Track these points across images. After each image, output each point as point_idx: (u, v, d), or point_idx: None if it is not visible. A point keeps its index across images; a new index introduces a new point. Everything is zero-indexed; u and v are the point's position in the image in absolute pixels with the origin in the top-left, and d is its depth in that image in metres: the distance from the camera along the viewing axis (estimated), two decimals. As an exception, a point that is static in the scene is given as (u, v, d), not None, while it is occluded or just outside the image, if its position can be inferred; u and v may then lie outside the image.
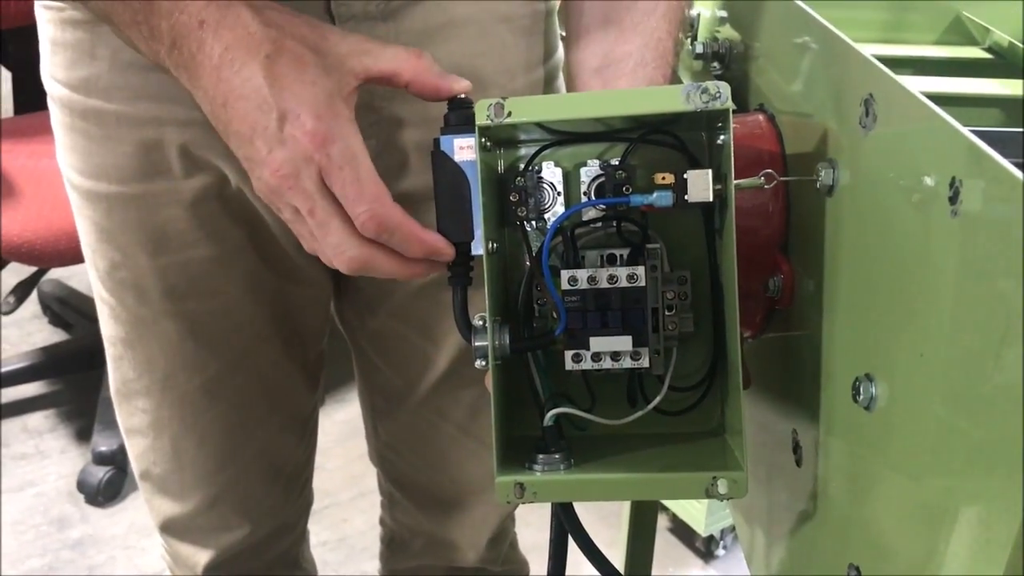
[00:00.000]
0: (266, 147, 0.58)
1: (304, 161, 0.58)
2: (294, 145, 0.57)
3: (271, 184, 0.59)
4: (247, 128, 0.58)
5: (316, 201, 0.59)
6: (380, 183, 0.60)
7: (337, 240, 0.60)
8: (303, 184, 0.58)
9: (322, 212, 0.59)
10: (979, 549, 0.41)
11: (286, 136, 0.57)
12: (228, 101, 0.58)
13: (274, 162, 0.58)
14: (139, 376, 0.87)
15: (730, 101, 0.54)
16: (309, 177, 0.58)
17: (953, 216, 0.42)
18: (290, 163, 0.58)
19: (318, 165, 0.58)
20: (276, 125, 0.57)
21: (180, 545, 0.97)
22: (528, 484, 0.57)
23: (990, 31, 0.85)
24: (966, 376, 0.42)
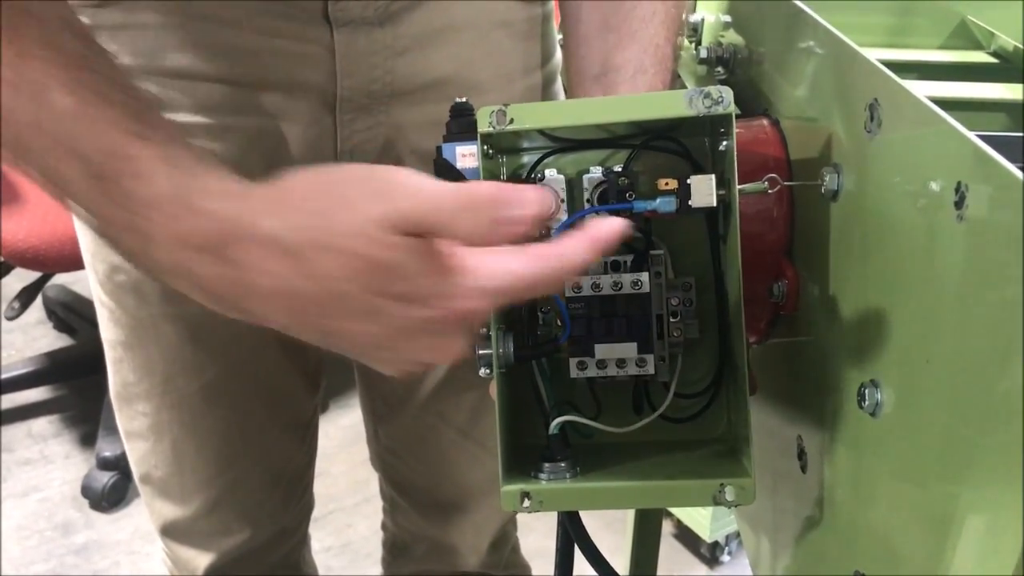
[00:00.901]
0: (411, 349, 0.51)
1: (466, 321, 0.50)
2: (444, 323, 0.49)
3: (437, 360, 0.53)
4: (377, 341, 0.50)
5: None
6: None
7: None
8: (469, 331, 0.52)
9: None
10: (985, 557, 0.41)
11: (428, 326, 0.49)
12: (330, 331, 0.50)
13: (437, 352, 0.51)
14: (139, 380, 0.87)
15: (733, 106, 0.54)
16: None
17: (959, 221, 0.42)
18: (455, 338, 0.51)
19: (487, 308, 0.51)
20: (410, 326, 0.49)
21: (181, 549, 0.97)
22: (534, 493, 0.57)
23: (995, 35, 0.85)
24: (972, 382, 0.42)
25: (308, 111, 0.75)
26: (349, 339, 0.50)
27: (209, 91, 0.73)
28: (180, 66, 0.72)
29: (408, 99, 0.77)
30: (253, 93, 0.74)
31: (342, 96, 0.75)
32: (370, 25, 0.73)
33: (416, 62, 0.76)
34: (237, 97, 0.73)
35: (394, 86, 0.76)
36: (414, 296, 0.48)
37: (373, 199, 0.47)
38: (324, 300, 0.48)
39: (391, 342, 0.50)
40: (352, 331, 0.50)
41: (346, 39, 0.73)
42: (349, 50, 0.73)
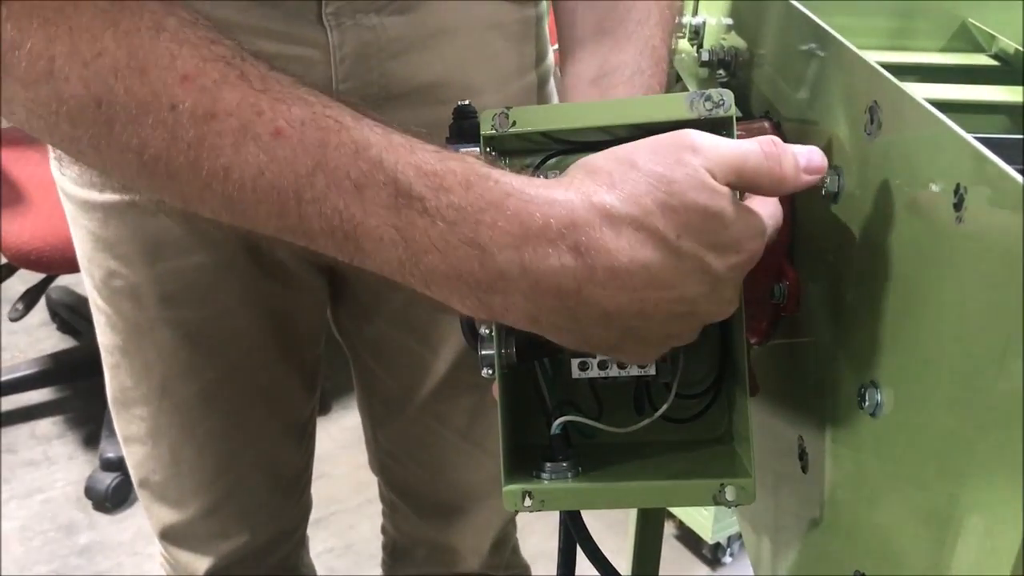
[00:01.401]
0: (715, 302, 0.52)
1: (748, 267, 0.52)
2: (741, 269, 0.52)
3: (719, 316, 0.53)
4: (683, 309, 0.50)
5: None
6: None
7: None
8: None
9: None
10: (983, 558, 0.41)
11: (732, 273, 0.51)
12: (644, 313, 0.50)
13: (725, 304, 0.53)
14: (136, 384, 0.88)
15: (733, 108, 0.54)
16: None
17: (958, 223, 0.42)
18: (737, 287, 0.53)
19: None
20: (719, 277, 0.50)
21: (179, 552, 0.97)
22: (536, 492, 0.57)
23: (996, 38, 0.85)
24: (970, 383, 0.42)
25: None
26: (664, 312, 0.49)
27: None
28: None
29: (403, 102, 0.77)
30: None
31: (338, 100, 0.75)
32: (362, 28, 0.74)
33: (409, 65, 0.76)
34: None
35: (388, 89, 0.77)
36: (730, 243, 0.49)
37: (693, 154, 0.49)
38: (671, 266, 0.48)
39: (699, 303, 0.50)
40: (677, 298, 0.49)
41: (341, 42, 0.73)
42: (344, 53, 0.74)
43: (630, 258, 0.47)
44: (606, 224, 0.47)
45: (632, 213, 0.47)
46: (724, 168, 0.49)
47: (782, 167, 0.50)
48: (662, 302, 0.49)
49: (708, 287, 0.50)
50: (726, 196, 0.49)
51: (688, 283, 0.49)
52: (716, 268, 0.49)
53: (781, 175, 0.50)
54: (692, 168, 0.48)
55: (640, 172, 0.48)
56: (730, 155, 0.49)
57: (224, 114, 0.46)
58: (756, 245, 0.51)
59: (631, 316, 0.49)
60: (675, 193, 0.48)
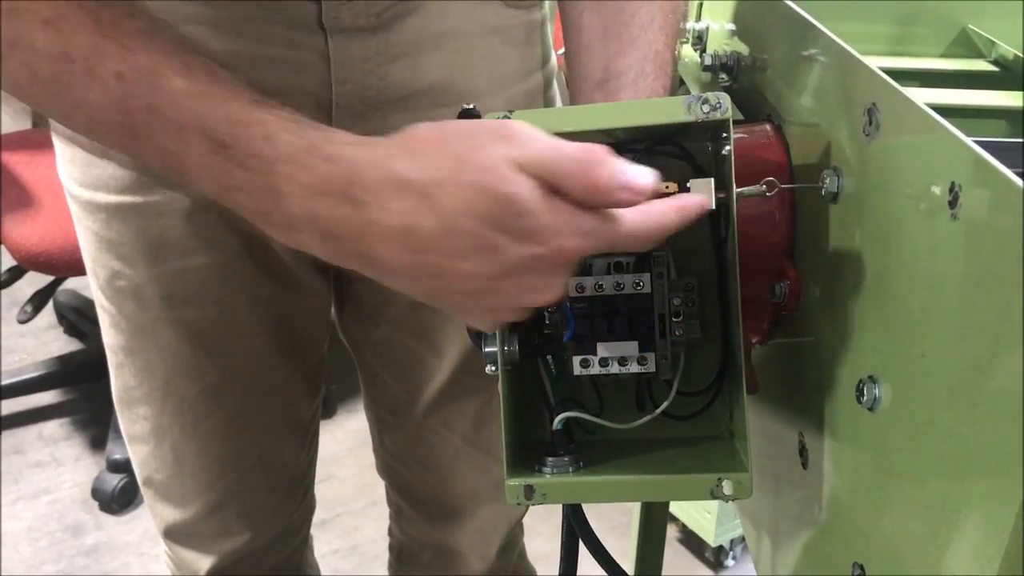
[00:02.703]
0: (515, 286, 0.53)
1: (567, 265, 0.53)
2: (551, 263, 0.52)
3: (535, 304, 0.55)
4: (482, 283, 0.52)
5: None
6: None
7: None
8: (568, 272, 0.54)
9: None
10: (977, 551, 0.42)
11: (536, 263, 0.52)
12: (441, 270, 0.52)
13: (536, 293, 0.53)
14: (140, 383, 0.88)
15: (730, 112, 0.55)
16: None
17: (953, 220, 0.43)
18: (555, 276, 0.53)
19: (586, 252, 0.53)
20: (519, 263, 0.51)
21: (183, 551, 0.97)
22: (537, 486, 0.58)
23: (996, 44, 0.86)
24: (965, 379, 0.43)
25: None
26: (459, 281, 0.52)
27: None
28: None
29: (402, 105, 0.78)
30: None
31: (337, 103, 0.76)
32: (364, 32, 0.74)
33: (409, 68, 0.77)
34: None
35: (388, 92, 0.77)
36: (529, 233, 0.50)
37: (503, 143, 0.51)
38: (444, 236, 0.50)
39: (497, 283, 0.52)
40: (464, 271, 0.51)
41: (340, 46, 0.74)
42: (343, 57, 0.74)
43: (403, 222, 0.50)
44: (391, 186, 0.51)
45: (419, 181, 0.50)
46: (533, 162, 0.50)
47: (594, 175, 0.50)
48: (449, 272, 0.51)
49: (500, 269, 0.51)
50: (525, 186, 0.49)
51: (471, 259, 0.51)
52: (509, 253, 0.50)
53: (593, 183, 0.50)
54: (493, 154, 0.50)
55: (445, 147, 0.51)
56: (542, 150, 0.50)
57: (77, 57, 0.53)
58: (569, 243, 0.51)
59: (425, 276, 0.52)
60: (466, 172, 0.50)
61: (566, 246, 0.51)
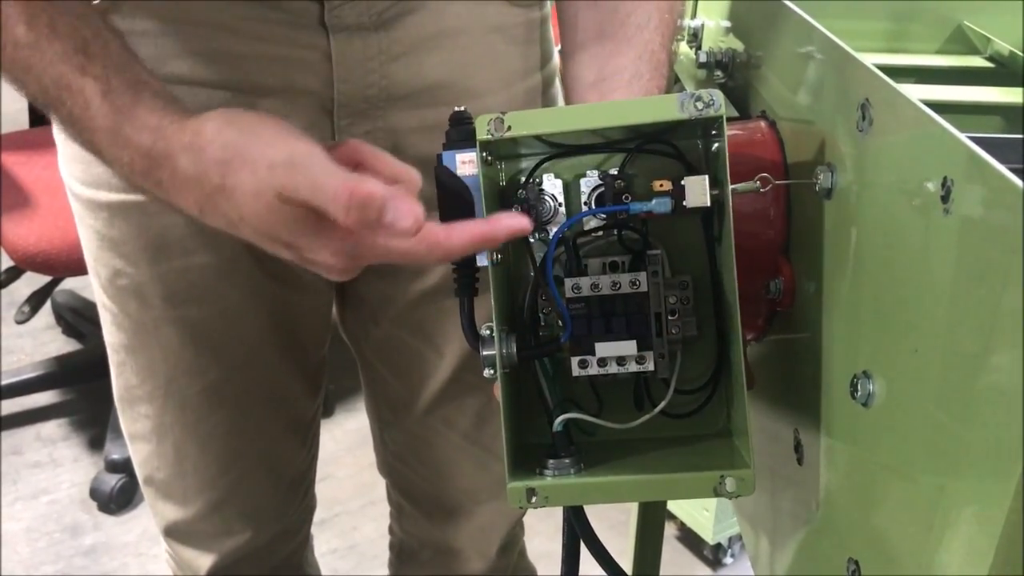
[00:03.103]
0: (300, 260, 0.59)
1: (345, 269, 0.59)
2: (326, 264, 0.58)
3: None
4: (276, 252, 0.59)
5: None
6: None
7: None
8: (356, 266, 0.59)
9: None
10: (969, 545, 0.42)
11: (311, 263, 0.59)
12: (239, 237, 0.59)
13: (320, 264, 0.58)
14: (141, 382, 0.88)
15: (723, 108, 0.55)
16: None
17: (945, 215, 0.43)
18: (340, 259, 0.58)
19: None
20: (301, 260, 0.59)
21: (183, 549, 0.97)
22: (539, 489, 0.58)
23: (991, 40, 0.86)
24: (957, 374, 0.43)
25: (306, 116, 0.76)
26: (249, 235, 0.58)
27: (209, 97, 0.74)
28: (180, 72, 0.74)
29: (404, 103, 0.78)
30: (252, 98, 0.75)
31: (339, 101, 0.76)
32: (365, 30, 0.74)
33: (411, 67, 0.77)
34: (236, 102, 0.74)
35: (390, 91, 0.77)
36: (299, 247, 0.57)
37: (271, 172, 0.55)
38: (229, 227, 0.58)
39: (287, 257, 0.59)
40: (257, 244, 0.58)
41: (342, 44, 0.74)
42: (345, 55, 0.74)
43: (191, 203, 0.59)
44: (174, 175, 0.58)
45: (199, 180, 0.57)
46: (296, 193, 0.54)
47: (360, 218, 0.52)
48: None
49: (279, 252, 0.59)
50: (283, 215, 0.55)
51: (258, 242, 0.59)
52: (282, 251, 0.58)
53: (361, 223, 0.52)
54: (257, 178, 0.55)
55: (224, 154, 0.57)
56: (311, 190, 0.53)
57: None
58: (325, 260, 0.57)
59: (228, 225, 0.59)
60: (235, 190, 0.56)
61: (324, 263, 0.57)
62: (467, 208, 0.60)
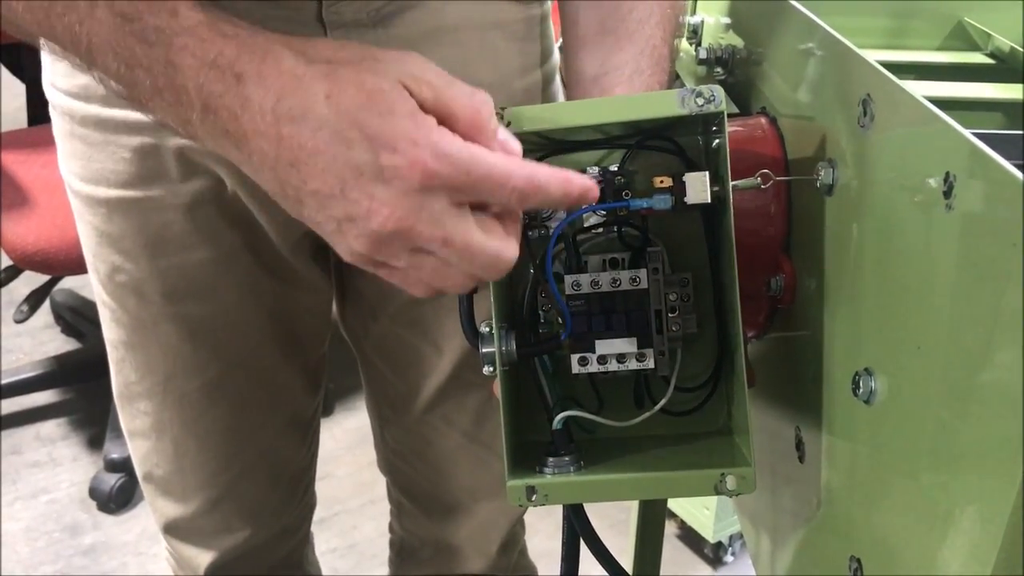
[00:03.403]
0: (366, 196, 0.50)
1: (423, 189, 0.50)
2: (403, 179, 0.50)
3: (385, 233, 0.51)
4: (333, 183, 0.51)
5: (449, 225, 0.51)
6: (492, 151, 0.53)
7: (495, 247, 0.53)
8: (430, 214, 0.50)
9: (460, 233, 0.51)
10: (972, 542, 0.42)
11: (387, 174, 0.50)
12: (298, 160, 0.51)
13: (385, 208, 0.50)
14: (140, 378, 0.88)
15: (724, 104, 0.55)
16: (437, 201, 0.50)
17: (948, 211, 0.43)
18: (406, 198, 0.50)
19: (443, 183, 0.50)
20: (372, 168, 0.50)
21: (183, 546, 0.97)
22: (539, 487, 0.58)
23: (992, 36, 0.85)
24: (960, 371, 0.43)
25: None
26: (313, 177, 0.51)
27: None
28: None
29: None
30: None
31: None
32: (363, 27, 0.74)
33: None
34: None
35: None
36: (384, 137, 0.50)
37: (400, 62, 0.52)
38: (304, 116, 0.51)
39: (347, 190, 0.51)
40: (317, 166, 0.51)
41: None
42: None
43: (277, 98, 0.51)
44: (270, 62, 0.52)
45: (300, 63, 0.52)
46: (424, 81, 0.52)
47: (483, 111, 0.53)
48: (309, 163, 0.51)
49: (350, 169, 0.50)
50: (399, 93, 0.51)
51: (327, 154, 0.50)
52: (357, 151, 0.50)
53: (479, 119, 0.52)
54: (385, 66, 0.52)
55: (346, 50, 0.53)
56: (436, 75, 0.53)
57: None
58: (423, 157, 0.49)
59: (285, 167, 0.52)
60: (354, 69, 0.51)
61: (420, 159, 0.49)
62: None
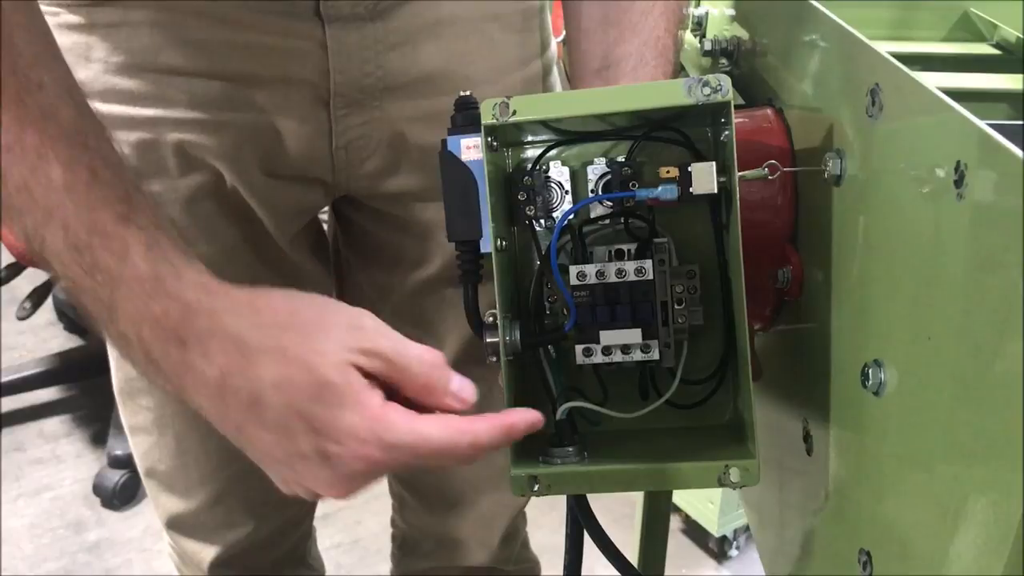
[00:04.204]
0: (310, 475, 0.54)
1: (367, 473, 0.54)
2: (347, 465, 0.53)
3: (322, 493, 0.56)
4: (279, 455, 0.54)
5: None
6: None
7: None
8: (369, 480, 0.55)
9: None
10: (984, 535, 0.41)
11: (333, 461, 0.52)
12: (243, 429, 0.54)
13: (325, 485, 0.54)
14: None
15: (731, 94, 0.54)
16: (380, 473, 0.55)
17: (959, 200, 0.42)
18: (350, 480, 0.54)
19: (387, 467, 0.54)
20: (317, 455, 0.52)
21: (186, 542, 0.97)
22: (542, 477, 0.58)
23: (997, 27, 0.85)
24: (971, 362, 0.42)
25: (302, 106, 0.76)
26: (258, 446, 0.54)
27: (205, 87, 0.74)
28: (175, 63, 0.73)
29: (400, 93, 0.78)
30: (248, 89, 0.74)
31: (335, 91, 0.76)
32: (361, 20, 0.74)
33: (407, 56, 0.77)
34: (232, 93, 0.74)
35: (386, 80, 0.77)
36: (328, 429, 0.51)
37: (350, 331, 0.53)
38: (251, 403, 0.52)
39: (291, 461, 0.54)
40: (263, 440, 0.53)
41: (337, 35, 0.74)
42: (340, 45, 0.74)
43: (218, 377, 0.53)
44: (219, 339, 0.53)
45: (247, 342, 0.53)
46: (376, 352, 0.52)
47: (434, 375, 0.53)
48: (254, 435, 0.54)
49: (294, 451, 0.52)
50: (351, 381, 0.51)
51: (272, 435, 0.53)
52: (300, 442, 0.52)
53: (431, 382, 0.53)
54: (335, 337, 0.52)
55: (292, 319, 0.53)
56: (387, 344, 0.53)
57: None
58: (368, 452, 0.51)
59: (231, 430, 0.55)
60: (298, 346, 0.52)
61: (364, 454, 0.52)
62: (471, 193, 0.59)
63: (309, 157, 0.78)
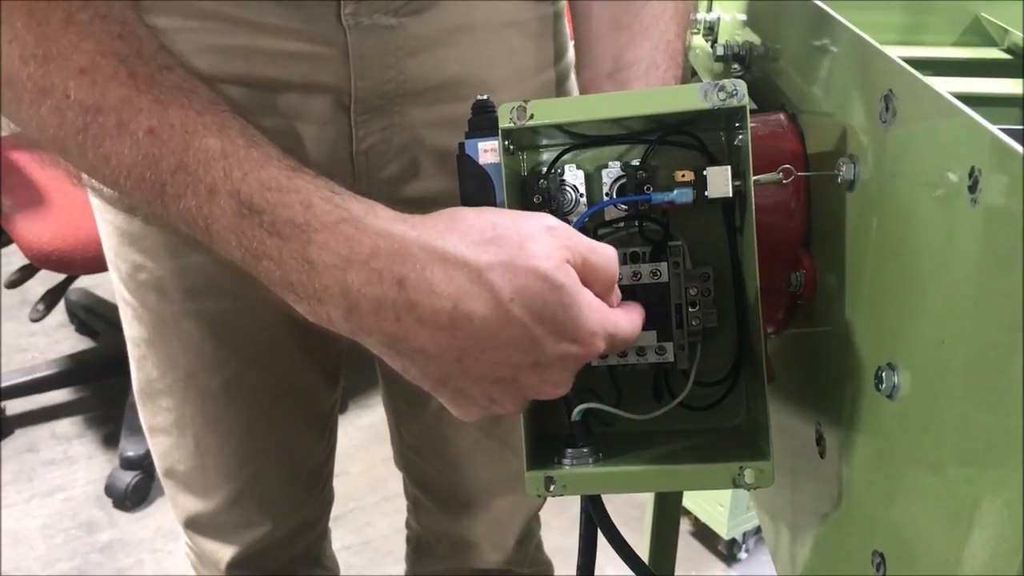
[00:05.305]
0: (537, 379, 0.53)
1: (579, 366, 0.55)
2: (577, 360, 0.54)
3: (532, 396, 0.55)
4: (505, 371, 0.53)
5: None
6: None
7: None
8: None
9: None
10: (998, 538, 0.42)
11: (565, 360, 0.53)
12: (467, 355, 0.52)
13: (550, 385, 0.54)
14: (162, 375, 0.89)
15: (747, 98, 0.55)
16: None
17: (973, 205, 0.43)
18: (571, 374, 0.55)
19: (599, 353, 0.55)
20: (554, 356, 0.52)
21: (204, 542, 0.98)
22: (557, 477, 0.58)
23: (1008, 31, 0.85)
24: (985, 366, 0.43)
25: (324, 112, 0.77)
26: (483, 368, 0.51)
27: (226, 93, 0.74)
28: (198, 68, 0.74)
29: (421, 99, 0.79)
30: (269, 94, 0.75)
31: (356, 97, 0.76)
32: (382, 27, 0.75)
33: (427, 63, 0.77)
34: (254, 98, 0.75)
35: (406, 86, 0.78)
36: (569, 330, 0.51)
37: (550, 232, 0.52)
38: (495, 322, 0.50)
39: (520, 375, 0.52)
40: (494, 360, 0.51)
41: (359, 41, 0.74)
42: (362, 51, 0.75)
43: (454, 304, 0.49)
44: (438, 265, 0.49)
45: (470, 261, 0.49)
46: (577, 253, 0.52)
47: (614, 271, 0.54)
48: (482, 358, 0.51)
49: (531, 361, 0.51)
50: (575, 279, 0.51)
51: (510, 349, 0.50)
52: (546, 348, 0.51)
53: (613, 278, 0.54)
54: (548, 242, 0.51)
55: (497, 231, 0.51)
56: (583, 242, 0.53)
57: (108, 109, 0.52)
58: (595, 344, 0.52)
59: (449, 362, 0.51)
60: (524, 257, 0.50)
61: (592, 347, 0.53)
62: (488, 196, 0.60)
63: (330, 162, 0.78)
